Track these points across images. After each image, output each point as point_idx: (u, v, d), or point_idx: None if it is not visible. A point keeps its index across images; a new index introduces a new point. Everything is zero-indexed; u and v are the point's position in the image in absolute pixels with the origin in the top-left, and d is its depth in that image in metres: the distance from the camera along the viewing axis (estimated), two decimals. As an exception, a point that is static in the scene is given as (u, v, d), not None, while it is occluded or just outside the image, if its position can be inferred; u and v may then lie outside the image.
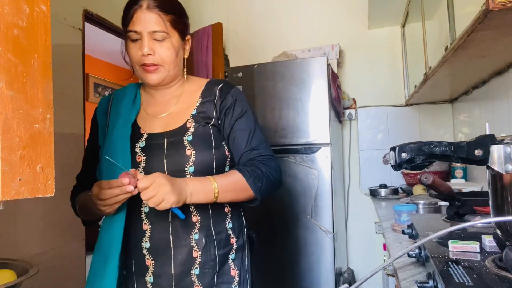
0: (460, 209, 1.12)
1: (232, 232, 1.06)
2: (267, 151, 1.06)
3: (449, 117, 2.69)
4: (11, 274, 0.91)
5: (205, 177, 0.94)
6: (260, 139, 1.06)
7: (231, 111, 1.05)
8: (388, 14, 2.59)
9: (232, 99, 1.06)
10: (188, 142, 0.99)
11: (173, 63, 1.02)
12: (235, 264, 1.04)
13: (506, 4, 0.84)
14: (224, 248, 1.03)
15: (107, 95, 1.21)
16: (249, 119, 1.07)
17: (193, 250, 0.98)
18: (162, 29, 0.98)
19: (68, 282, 2.03)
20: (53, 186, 0.49)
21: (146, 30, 0.97)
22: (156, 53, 0.99)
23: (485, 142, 0.69)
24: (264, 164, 1.01)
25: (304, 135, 2.30)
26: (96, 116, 1.13)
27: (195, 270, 0.98)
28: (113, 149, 0.99)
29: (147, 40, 0.97)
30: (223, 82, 1.10)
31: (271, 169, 1.01)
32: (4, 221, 1.71)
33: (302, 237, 2.27)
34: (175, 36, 1.02)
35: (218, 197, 0.93)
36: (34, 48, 0.47)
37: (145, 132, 1.04)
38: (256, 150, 1.04)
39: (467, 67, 1.54)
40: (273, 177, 1.01)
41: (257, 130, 1.07)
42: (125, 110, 1.07)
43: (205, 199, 0.93)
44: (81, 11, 2.20)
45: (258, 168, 0.99)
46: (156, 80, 1.02)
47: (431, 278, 0.69)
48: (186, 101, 1.08)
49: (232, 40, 3.19)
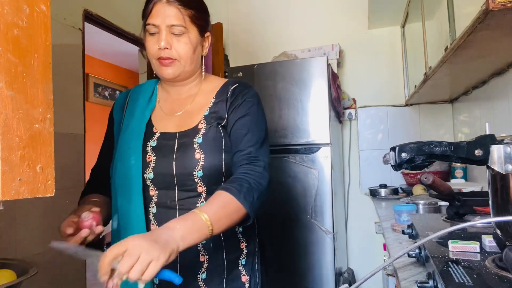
0: (460, 209, 1.12)
1: (243, 236, 1.03)
2: (259, 152, 0.98)
3: (449, 117, 2.69)
4: (11, 274, 0.91)
5: (191, 212, 0.81)
6: (254, 140, 0.98)
7: (236, 110, 1.01)
8: (388, 14, 2.59)
9: (241, 99, 1.02)
10: (198, 145, 0.96)
11: (189, 59, 1.00)
12: (245, 270, 1.01)
13: (506, 4, 0.83)
14: (234, 253, 1.00)
15: (107, 95, 1.20)
16: (251, 119, 1.01)
17: (200, 254, 0.96)
18: (181, 23, 0.96)
19: (68, 282, 2.03)
20: (53, 186, 0.49)
21: (164, 24, 0.95)
22: (173, 47, 0.97)
23: (485, 142, 0.69)
24: (249, 173, 0.92)
25: (304, 135, 2.30)
26: (113, 111, 1.12)
27: (202, 275, 0.95)
28: (126, 148, 0.99)
29: (165, 33, 0.96)
30: (239, 82, 1.06)
31: (257, 177, 0.92)
32: (4, 221, 1.71)
33: (302, 237, 2.27)
34: (193, 31, 0.99)
35: (214, 229, 0.81)
36: (34, 48, 0.47)
37: (157, 131, 1.02)
38: (247, 150, 0.97)
39: (467, 67, 1.54)
40: (262, 186, 0.92)
41: (256, 130, 1.00)
42: (140, 108, 1.05)
43: (200, 237, 0.79)
44: (81, 11, 2.20)
45: (245, 180, 0.90)
46: (171, 74, 1.00)
47: (431, 278, 0.69)
48: (201, 101, 1.05)
49: (232, 40, 3.19)
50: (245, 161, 0.95)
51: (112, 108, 1.14)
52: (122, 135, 1.03)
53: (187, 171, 0.94)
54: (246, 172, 0.93)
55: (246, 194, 0.87)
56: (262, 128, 1.03)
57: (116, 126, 1.09)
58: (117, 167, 0.99)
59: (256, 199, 0.89)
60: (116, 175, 0.98)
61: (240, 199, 0.86)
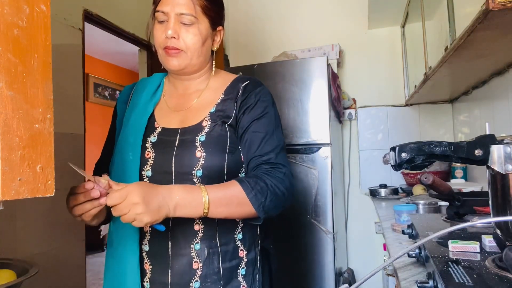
0: (460, 209, 1.12)
1: (242, 244, 0.95)
2: (279, 158, 0.92)
3: (449, 117, 2.69)
4: (11, 274, 0.91)
5: (196, 187, 0.82)
6: (274, 145, 0.93)
7: (250, 110, 0.95)
8: (388, 14, 2.59)
9: (255, 99, 0.96)
10: (200, 143, 0.91)
11: (197, 50, 0.95)
12: (245, 281, 0.94)
13: (506, 4, 0.83)
14: (231, 261, 0.93)
15: (107, 95, 1.21)
16: (269, 122, 0.95)
17: (193, 261, 0.90)
18: (191, 12, 0.91)
19: (68, 282, 2.03)
20: (53, 186, 0.49)
21: (173, 12, 0.91)
22: (180, 37, 0.92)
23: (485, 142, 0.69)
24: (269, 174, 0.88)
25: (304, 135, 2.30)
26: (117, 104, 1.09)
27: (195, 283, 0.89)
28: (125, 143, 0.95)
29: (173, 22, 0.91)
30: (250, 79, 1.01)
31: (277, 181, 0.87)
32: (4, 221, 1.71)
33: (302, 237, 2.27)
34: (204, 23, 0.95)
35: (209, 212, 0.81)
36: (34, 48, 0.47)
37: (159, 126, 0.97)
38: (266, 156, 0.92)
39: (467, 67, 1.54)
40: (279, 191, 0.87)
41: (275, 134, 0.95)
42: (144, 101, 1.01)
43: (192, 214, 0.80)
44: (81, 11, 2.20)
45: (262, 180, 0.86)
46: (176, 66, 0.95)
47: (431, 278, 0.69)
48: (209, 97, 0.99)
49: (232, 40, 3.19)
50: (265, 165, 0.91)
51: (117, 101, 1.10)
52: (122, 130, 0.99)
53: (186, 170, 0.90)
54: (266, 173, 0.89)
55: (259, 192, 0.84)
56: (280, 132, 0.98)
57: (118, 120, 1.05)
58: (114, 162, 0.96)
59: (269, 202, 0.85)
60: (113, 171, 0.95)
61: (249, 195, 0.83)
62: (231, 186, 0.84)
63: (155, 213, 0.75)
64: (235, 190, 0.84)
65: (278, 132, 0.96)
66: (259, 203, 0.84)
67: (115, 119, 1.07)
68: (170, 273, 0.90)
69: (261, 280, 0.98)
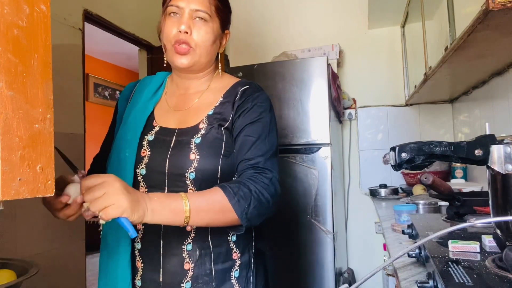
0: (460, 209, 1.12)
1: (235, 246, 0.94)
2: (268, 164, 0.90)
3: (449, 117, 2.69)
4: (11, 274, 0.91)
5: (177, 194, 0.77)
6: (265, 150, 0.91)
7: (245, 114, 0.94)
8: (388, 14, 2.59)
9: (252, 103, 0.95)
10: (194, 145, 0.90)
11: (206, 48, 0.95)
12: (238, 283, 0.93)
13: (506, 4, 0.83)
14: (223, 263, 0.92)
15: (107, 95, 1.21)
16: (262, 127, 0.93)
17: (184, 262, 0.89)
18: (206, 9, 0.93)
19: (68, 282, 2.03)
20: (53, 186, 0.49)
21: (189, 7, 0.92)
22: (192, 33, 0.92)
23: (485, 142, 0.69)
24: (253, 180, 0.85)
25: (304, 135, 2.30)
26: (118, 101, 1.09)
27: (186, 284, 0.88)
28: (122, 140, 0.95)
29: (187, 17, 0.92)
30: (250, 84, 1.00)
31: (261, 187, 0.84)
32: (4, 221, 1.71)
33: (302, 237, 2.27)
34: (216, 23, 0.96)
35: (190, 219, 0.75)
36: (34, 48, 0.47)
37: (157, 125, 0.97)
38: (254, 160, 0.89)
39: (467, 67, 1.54)
40: (264, 197, 0.84)
41: (267, 140, 0.93)
42: (144, 99, 1.01)
43: (172, 220, 0.74)
44: (81, 11, 2.20)
45: (246, 185, 0.83)
46: (185, 64, 0.94)
47: (431, 278, 0.69)
48: (209, 98, 0.99)
49: (232, 40, 3.19)
50: (251, 170, 0.88)
51: (118, 99, 1.11)
52: (122, 126, 0.99)
53: (179, 171, 0.89)
54: (251, 178, 0.85)
55: (242, 198, 0.80)
56: (274, 137, 0.96)
57: (119, 117, 1.05)
58: (111, 158, 0.95)
59: (253, 208, 0.81)
60: (109, 167, 0.95)
61: (232, 201, 0.79)
62: (212, 192, 0.80)
63: (134, 202, 0.68)
64: (217, 196, 0.79)
65: (271, 137, 0.94)
66: (242, 210, 0.80)
67: (116, 115, 1.08)
68: (161, 272, 0.90)
69: (255, 283, 0.97)
